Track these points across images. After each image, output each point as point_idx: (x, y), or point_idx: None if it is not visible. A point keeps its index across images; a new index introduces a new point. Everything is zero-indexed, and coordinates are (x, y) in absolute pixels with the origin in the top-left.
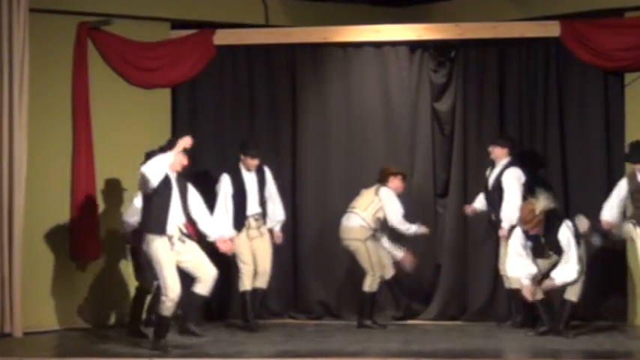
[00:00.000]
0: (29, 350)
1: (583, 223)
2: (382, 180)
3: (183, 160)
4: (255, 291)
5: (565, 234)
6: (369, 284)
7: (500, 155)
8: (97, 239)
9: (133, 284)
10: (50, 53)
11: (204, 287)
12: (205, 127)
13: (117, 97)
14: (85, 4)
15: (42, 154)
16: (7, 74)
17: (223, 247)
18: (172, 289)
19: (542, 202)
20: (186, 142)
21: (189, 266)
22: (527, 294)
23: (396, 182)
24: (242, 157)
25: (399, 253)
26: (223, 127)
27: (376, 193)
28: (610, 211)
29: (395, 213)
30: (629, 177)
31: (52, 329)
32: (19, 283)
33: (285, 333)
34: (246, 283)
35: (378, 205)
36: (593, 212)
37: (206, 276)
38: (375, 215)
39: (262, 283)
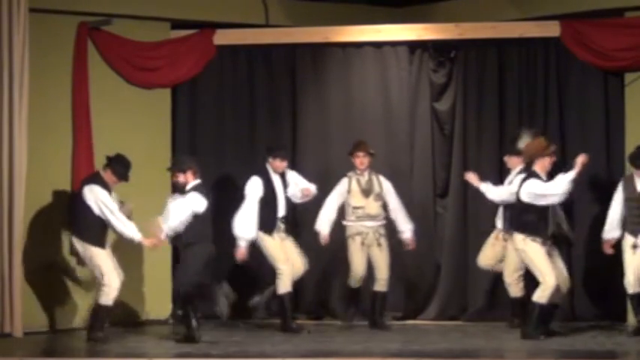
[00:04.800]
0: (29, 350)
1: None
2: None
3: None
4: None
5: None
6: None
7: (516, 163)
8: None
9: (132, 284)
10: (50, 53)
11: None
12: (205, 127)
13: (117, 97)
14: (85, 4)
15: (42, 154)
16: (7, 74)
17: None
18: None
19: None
20: None
21: None
22: None
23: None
24: (270, 159)
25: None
26: (223, 127)
27: None
28: (613, 229)
29: None
30: (626, 182)
31: (52, 329)
32: (19, 283)
33: (286, 333)
34: (287, 284)
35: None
36: (592, 212)
37: None
38: (346, 205)
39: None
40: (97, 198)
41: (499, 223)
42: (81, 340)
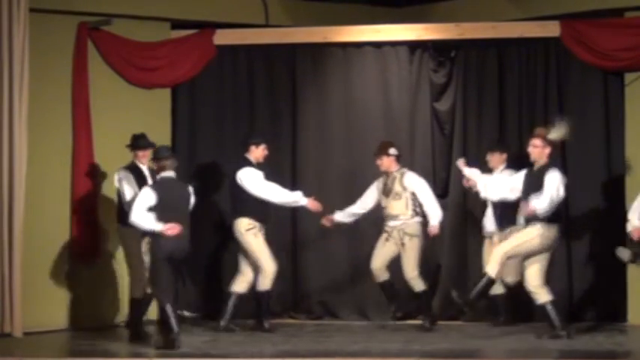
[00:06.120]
0: (29, 350)
1: (625, 253)
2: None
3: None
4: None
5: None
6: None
7: (498, 162)
8: (96, 239)
9: None
10: (50, 53)
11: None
12: (205, 127)
13: (117, 97)
14: (85, 4)
15: (42, 154)
16: (7, 74)
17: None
18: None
19: (558, 131)
20: None
21: None
22: None
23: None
24: (253, 148)
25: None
26: (223, 127)
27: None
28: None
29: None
30: None
31: (52, 329)
32: (19, 283)
33: (285, 333)
34: (268, 283)
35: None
36: (592, 212)
37: None
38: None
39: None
40: (119, 179)
41: (489, 225)
42: (81, 340)
